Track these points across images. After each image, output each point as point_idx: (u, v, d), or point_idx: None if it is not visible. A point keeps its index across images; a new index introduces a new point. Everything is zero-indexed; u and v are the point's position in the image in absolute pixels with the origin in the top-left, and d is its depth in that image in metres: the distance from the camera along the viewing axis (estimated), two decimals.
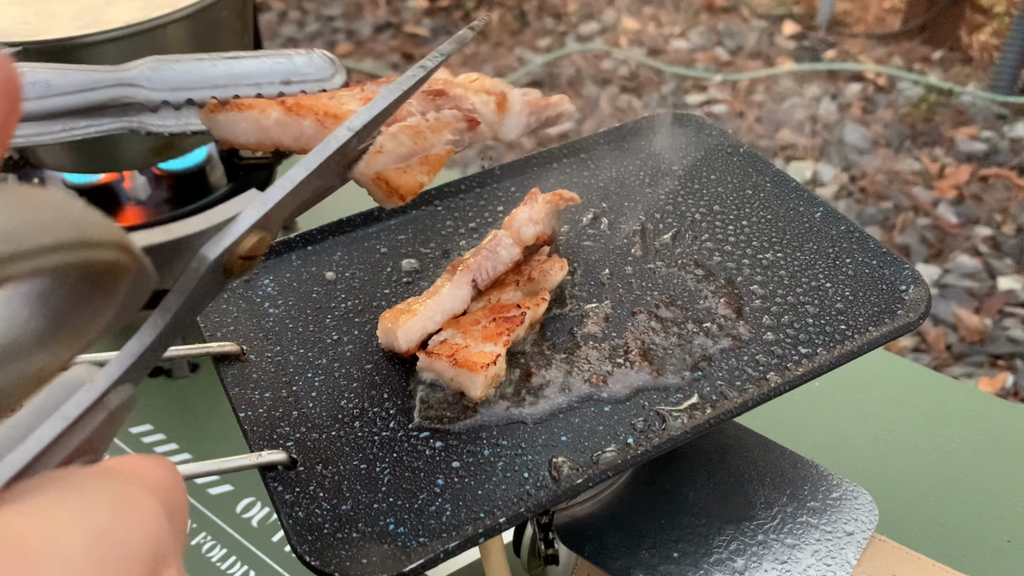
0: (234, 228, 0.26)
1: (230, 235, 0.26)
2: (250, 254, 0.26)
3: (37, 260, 0.14)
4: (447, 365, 0.41)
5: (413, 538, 0.35)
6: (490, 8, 2.63)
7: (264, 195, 0.27)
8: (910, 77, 2.17)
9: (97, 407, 0.20)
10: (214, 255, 0.25)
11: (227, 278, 0.27)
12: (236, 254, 0.26)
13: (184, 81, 0.35)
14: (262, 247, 0.27)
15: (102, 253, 0.16)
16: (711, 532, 0.45)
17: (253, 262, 0.27)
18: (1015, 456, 0.66)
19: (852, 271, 0.48)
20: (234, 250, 0.26)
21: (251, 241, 0.26)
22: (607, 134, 0.60)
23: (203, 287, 0.26)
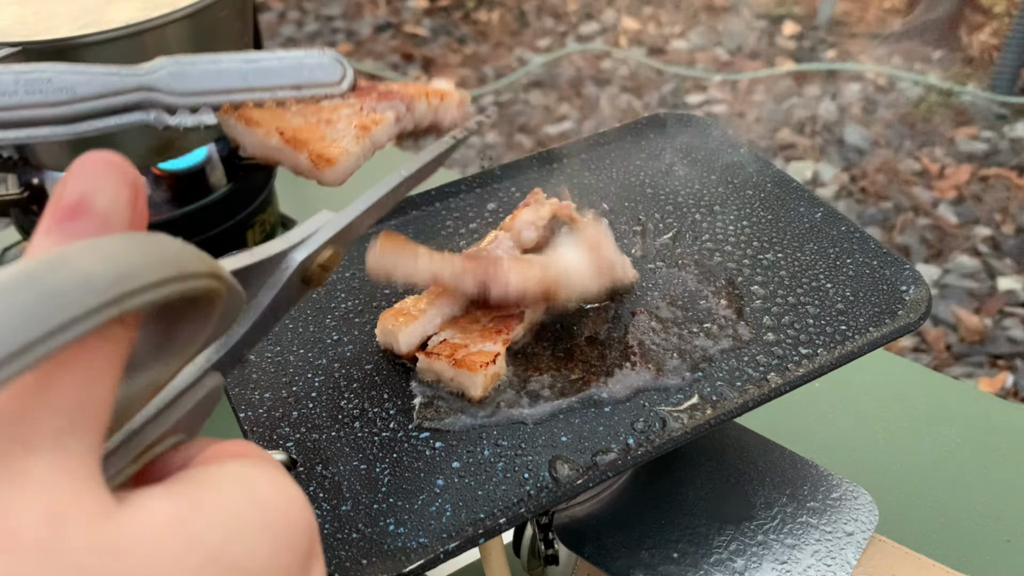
0: (316, 239, 0.30)
1: (312, 244, 0.30)
2: (326, 265, 0.30)
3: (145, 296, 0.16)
4: (447, 365, 0.41)
5: (413, 539, 0.35)
6: (490, 8, 2.63)
7: (339, 215, 0.31)
8: (910, 77, 2.17)
9: (196, 386, 0.23)
10: (301, 258, 0.29)
11: (306, 285, 0.30)
12: (316, 263, 0.30)
13: (202, 86, 0.37)
14: (336, 260, 0.31)
15: (198, 283, 0.18)
16: (711, 532, 0.45)
17: (327, 273, 0.30)
18: (1015, 456, 0.66)
19: (853, 272, 0.48)
20: (315, 259, 0.30)
21: (327, 253, 0.30)
22: (607, 134, 0.60)
23: (287, 289, 0.29)
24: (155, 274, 0.17)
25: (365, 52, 2.46)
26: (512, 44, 2.44)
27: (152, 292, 0.17)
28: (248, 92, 0.37)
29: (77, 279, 0.15)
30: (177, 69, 0.36)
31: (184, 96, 0.36)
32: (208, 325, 0.20)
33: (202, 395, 0.24)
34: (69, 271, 0.15)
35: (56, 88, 0.33)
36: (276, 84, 0.38)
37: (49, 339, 0.14)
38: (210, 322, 0.20)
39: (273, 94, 0.38)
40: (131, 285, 0.16)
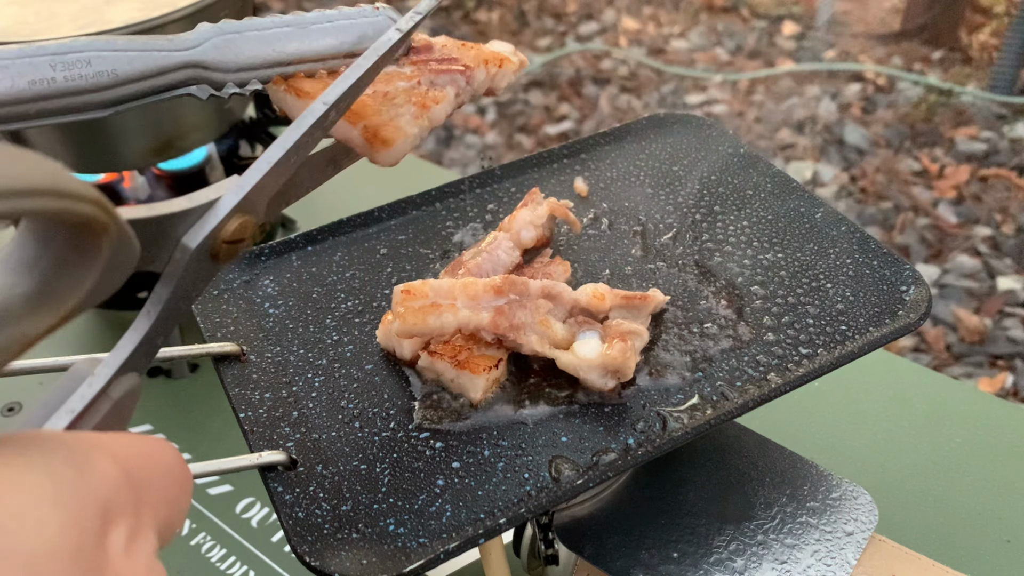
0: (213, 214, 0.26)
1: (210, 221, 0.26)
2: (235, 238, 0.27)
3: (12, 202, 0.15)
4: (449, 366, 0.41)
5: (413, 539, 0.35)
6: (490, 8, 2.63)
7: (242, 178, 0.27)
8: (910, 77, 2.17)
9: (101, 399, 0.21)
10: (195, 243, 0.26)
11: (216, 263, 0.27)
12: (220, 239, 0.26)
13: (251, 59, 0.33)
14: (247, 231, 0.27)
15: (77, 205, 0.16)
16: (711, 532, 0.45)
17: (240, 245, 0.27)
18: (1015, 456, 0.66)
19: (853, 272, 0.48)
20: (217, 235, 0.26)
21: (234, 225, 0.26)
22: (607, 134, 0.60)
23: (191, 274, 0.26)
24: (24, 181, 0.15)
25: None
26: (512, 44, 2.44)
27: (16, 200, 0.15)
28: (299, 63, 0.34)
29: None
30: (223, 41, 0.32)
31: (233, 72, 0.33)
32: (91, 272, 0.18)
33: (110, 405, 0.21)
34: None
35: (96, 71, 0.30)
36: (328, 52, 0.34)
37: None
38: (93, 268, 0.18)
39: (325, 64, 0.35)
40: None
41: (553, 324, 0.42)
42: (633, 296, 0.43)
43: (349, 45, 0.35)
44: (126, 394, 0.22)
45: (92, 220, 0.17)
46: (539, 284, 0.42)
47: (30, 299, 0.18)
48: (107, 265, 0.19)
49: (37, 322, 0.18)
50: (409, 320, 0.41)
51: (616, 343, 0.40)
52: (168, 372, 0.80)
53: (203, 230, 0.26)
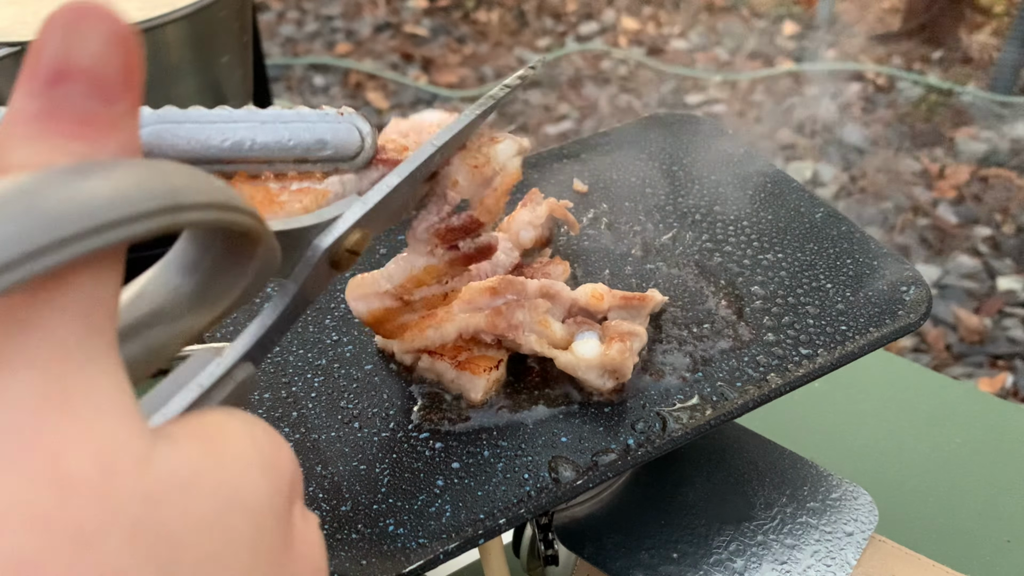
0: (342, 222, 0.29)
1: (339, 228, 0.29)
2: (354, 248, 0.29)
3: (197, 214, 0.16)
4: (449, 367, 0.41)
5: (413, 539, 0.35)
6: (490, 8, 2.63)
7: (364, 197, 0.31)
8: (910, 77, 2.17)
9: (226, 379, 0.23)
10: (326, 244, 0.28)
11: (334, 269, 0.29)
12: (343, 247, 0.29)
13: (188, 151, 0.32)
14: (364, 243, 0.30)
15: (243, 218, 0.18)
16: (711, 533, 0.45)
17: (356, 257, 0.30)
18: (1015, 456, 0.66)
19: (853, 272, 0.48)
20: (342, 243, 0.29)
21: (355, 236, 0.29)
22: (607, 134, 0.60)
23: (316, 274, 0.28)
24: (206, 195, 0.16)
25: (364, 52, 2.46)
26: (512, 44, 2.44)
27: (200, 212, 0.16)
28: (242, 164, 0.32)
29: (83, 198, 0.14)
30: (162, 130, 0.31)
31: None
32: (246, 273, 0.20)
33: (232, 387, 0.23)
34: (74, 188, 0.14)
35: None
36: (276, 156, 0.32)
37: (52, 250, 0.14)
38: (248, 270, 0.20)
39: (272, 167, 0.33)
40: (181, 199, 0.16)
41: (552, 324, 0.42)
42: (632, 297, 0.43)
43: (302, 150, 0.33)
44: (245, 382, 0.24)
45: (250, 231, 0.19)
46: (537, 284, 0.42)
47: (193, 298, 0.20)
48: (256, 271, 0.21)
49: (199, 319, 0.20)
50: (408, 337, 0.41)
51: (614, 343, 0.40)
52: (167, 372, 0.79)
53: (332, 235, 0.29)
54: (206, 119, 0.32)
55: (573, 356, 0.40)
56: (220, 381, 0.23)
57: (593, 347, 0.41)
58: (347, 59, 2.41)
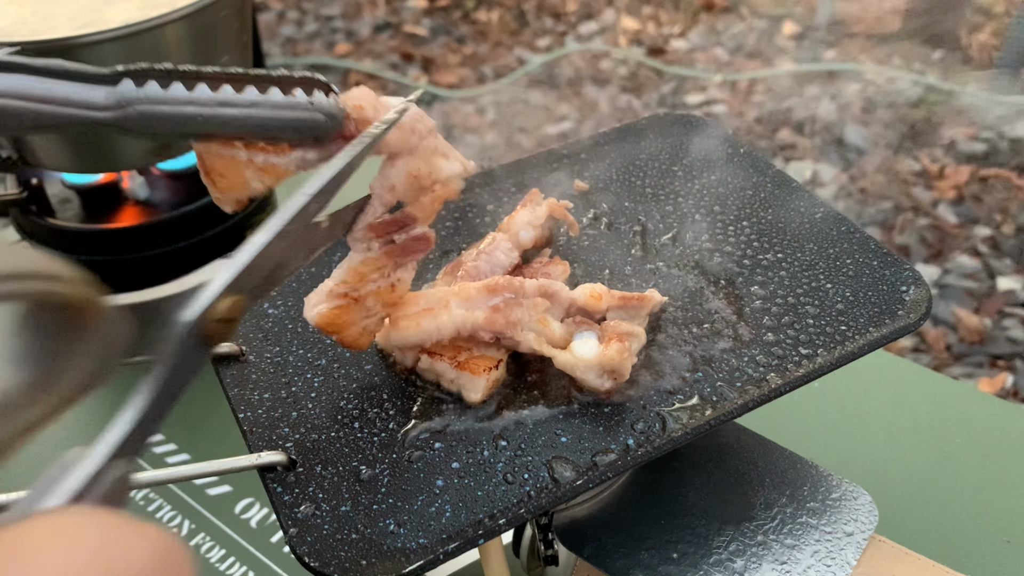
0: (207, 292, 0.27)
1: (202, 300, 0.27)
2: (227, 317, 0.27)
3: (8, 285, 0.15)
4: (449, 367, 0.41)
5: (413, 539, 0.35)
6: (490, 8, 2.63)
7: (231, 260, 0.29)
8: (910, 77, 2.17)
9: (95, 482, 0.21)
10: (190, 319, 0.26)
11: (207, 344, 0.27)
12: (211, 318, 0.27)
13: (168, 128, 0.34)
14: (238, 310, 0.28)
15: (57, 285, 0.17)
16: (710, 533, 0.45)
17: (231, 325, 0.28)
18: (1015, 456, 0.66)
19: (852, 272, 0.48)
20: (210, 314, 0.27)
21: (226, 304, 0.27)
22: (607, 134, 0.60)
23: (184, 354, 0.26)
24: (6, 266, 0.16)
25: (364, 52, 2.46)
26: (511, 44, 2.44)
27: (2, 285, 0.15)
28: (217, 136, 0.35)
29: None
30: (146, 110, 0.33)
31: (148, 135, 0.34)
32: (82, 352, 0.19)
33: (105, 490, 0.21)
34: None
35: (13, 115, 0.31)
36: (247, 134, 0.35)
37: None
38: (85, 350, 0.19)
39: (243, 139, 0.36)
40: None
41: (551, 323, 0.42)
42: (631, 297, 0.43)
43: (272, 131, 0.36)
44: (119, 481, 0.22)
45: (73, 300, 0.18)
46: (535, 283, 0.42)
47: (28, 387, 0.19)
48: (99, 346, 0.19)
49: (38, 409, 0.19)
50: (403, 326, 0.41)
51: (613, 343, 0.40)
52: None
53: (196, 308, 0.27)
54: (184, 100, 0.33)
55: (571, 356, 0.40)
56: (90, 485, 0.21)
57: (591, 347, 0.41)
58: (347, 59, 2.41)
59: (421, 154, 0.39)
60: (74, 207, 0.76)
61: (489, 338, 0.41)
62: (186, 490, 0.69)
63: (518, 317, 0.41)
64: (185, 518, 0.67)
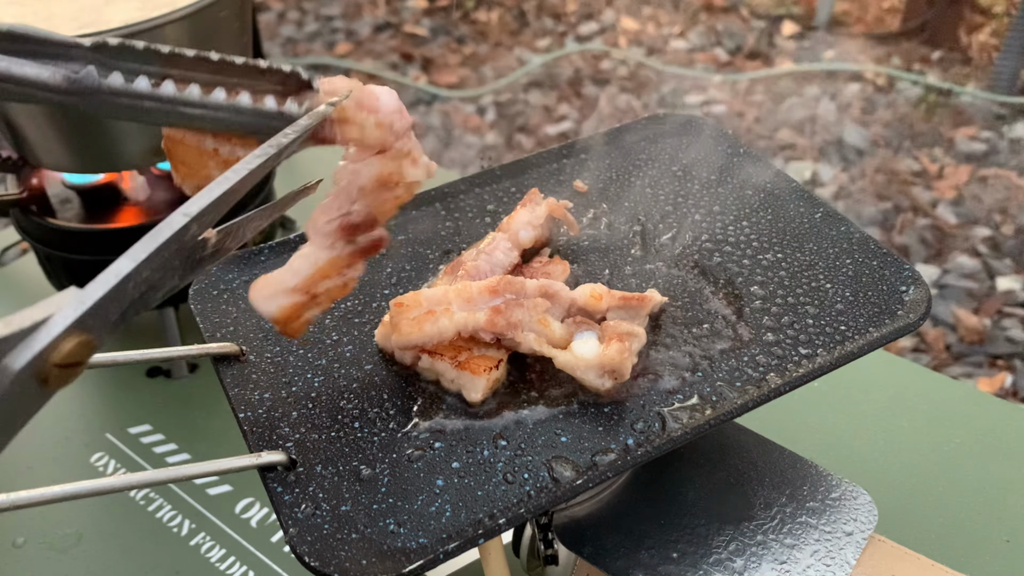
0: (45, 332, 0.23)
1: (40, 340, 0.23)
2: (69, 361, 0.23)
3: None
4: (449, 366, 0.41)
5: (413, 539, 0.35)
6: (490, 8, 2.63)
7: (82, 292, 0.24)
8: (909, 77, 2.17)
9: None
10: (20, 365, 0.22)
11: (45, 389, 0.23)
12: (51, 362, 0.23)
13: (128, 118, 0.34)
14: (84, 352, 0.24)
15: None
16: (710, 532, 0.45)
17: (76, 370, 0.24)
18: (1015, 456, 0.66)
19: (852, 272, 0.48)
20: (47, 357, 0.23)
21: (69, 346, 0.23)
22: (607, 135, 0.60)
23: (12, 402, 0.22)
24: None
25: (364, 52, 2.46)
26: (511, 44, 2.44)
27: None
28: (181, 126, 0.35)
29: None
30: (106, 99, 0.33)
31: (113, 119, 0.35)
32: None
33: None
34: None
35: None
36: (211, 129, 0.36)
37: None
38: None
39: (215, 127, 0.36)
40: None
41: (551, 323, 0.42)
42: (631, 297, 0.43)
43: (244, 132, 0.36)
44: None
45: None
46: (536, 283, 0.42)
47: None
48: None
49: None
50: (405, 330, 0.41)
51: (613, 343, 0.40)
52: (167, 372, 0.80)
53: (30, 350, 0.22)
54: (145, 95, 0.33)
55: (572, 356, 0.40)
56: None
57: (592, 347, 0.41)
58: (347, 59, 2.41)
59: (393, 156, 0.38)
60: (74, 207, 0.76)
61: (490, 338, 0.41)
62: (186, 490, 0.69)
63: (519, 318, 0.41)
64: (185, 518, 0.67)
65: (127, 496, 0.68)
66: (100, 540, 0.65)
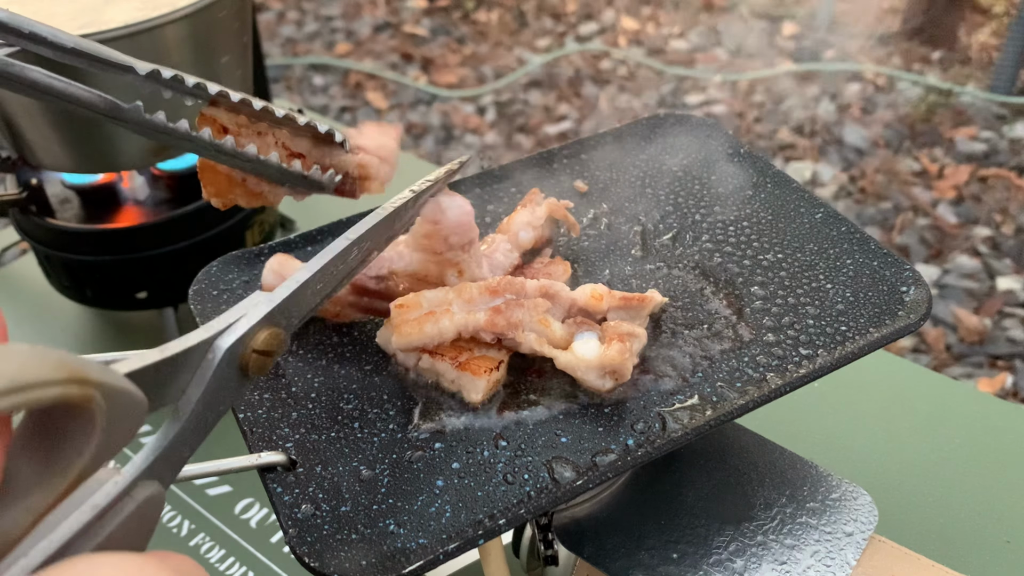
0: (245, 321, 0.27)
1: (241, 327, 0.27)
2: (264, 349, 0.28)
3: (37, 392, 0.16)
4: (450, 367, 0.41)
5: (413, 539, 0.35)
6: (490, 8, 2.63)
7: (271, 295, 0.29)
8: (909, 77, 2.17)
9: (124, 499, 0.21)
10: (227, 344, 0.26)
11: (245, 375, 0.27)
12: (250, 348, 0.27)
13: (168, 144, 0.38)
14: (276, 343, 0.28)
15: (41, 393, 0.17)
16: (710, 533, 0.45)
17: (270, 358, 0.28)
18: (1015, 456, 0.66)
19: (853, 272, 0.48)
20: (247, 343, 0.27)
21: (263, 335, 0.28)
22: (608, 134, 0.60)
23: (219, 381, 0.26)
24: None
25: (364, 52, 2.46)
26: (511, 44, 2.44)
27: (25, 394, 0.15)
28: None
29: None
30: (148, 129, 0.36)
31: None
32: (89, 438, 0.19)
33: (134, 507, 0.22)
34: None
35: None
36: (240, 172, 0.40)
37: None
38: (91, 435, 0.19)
39: None
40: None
41: (552, 323, 0.42)
42: (631, 297, 0.43)
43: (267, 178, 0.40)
44: (149, 501, 0.22)
45: (64, 399, 0.17)
46: (536, 283, 0.42)
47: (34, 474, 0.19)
48: (107, 425, 0.19)
49: (45, 493, 0.19)
50: (406, 331, 0.41)
51: (614, 344, 0.40)
52: None
53: (234, 334, 0.27)
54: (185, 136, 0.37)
55: (573, 356, 0.40)
56: (117, 500, 0.21)
57: (593, 347, 0.41)
58: (347, 59, 2.41)
59: (439, 261, 0.42)
60: (74, 207, 0.76)
61: (491, 339, 0.41)
62: (186, 490, 0.69)
63: (519, 318, 0.41)
64: (185, 518, 0.67)
65: None
66: None
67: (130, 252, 0.73)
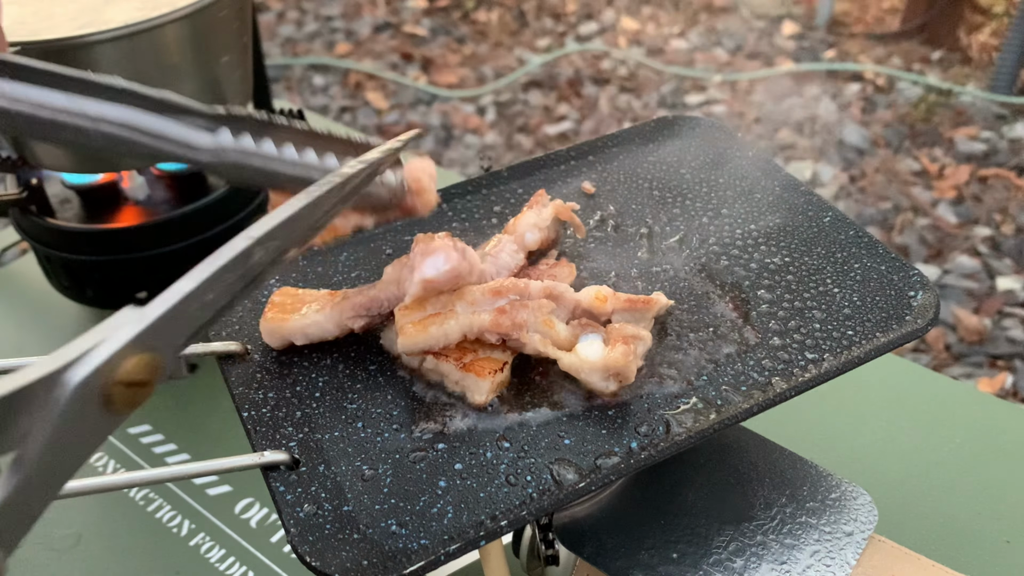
0: (105, 347, 0.22)
1: (99, 355, 0.22)
2: (133, 379, 0.22)
3: None
4: (454, 368, 0.41)
5: (414, 540, 0.35)
6: (489, 8, 2.63)
7: (141, 311, 0.24)
8: (909, 77, 2.17)
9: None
10: (78, 379, 0.21)
11: (110, 410, 0.22)
12: (113, 379, 0.22)
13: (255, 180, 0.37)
14: (149, 371, 0.23)
15: None
16: (710, 533, 0.45)
17: (144, 389, 0.23)
18: (1015, 456, 0.66)
19: (860, 276, 0.47)
20: (108, 374, 0.22)
21: (131, 363, 0.22)
22: (615, 136, 0.60)
23: (72, 422, 0.21)
24: None
25: (364, 52, 2.46)
26: (511, 44, 2.43)
27: None
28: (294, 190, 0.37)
29: None
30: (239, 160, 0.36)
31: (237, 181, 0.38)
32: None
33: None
34: None
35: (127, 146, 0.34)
36: None
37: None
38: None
39: None
40: None
41: (556, 324, 0.42)
42: (636, 300, 0.43)
43: None
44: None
45: None
46: (540, 285, 0.42)
47: None
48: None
49: None
50: (411, 334, 0.41)
51: (618, 346, 0.40)
52: None
53: (88, 364, 0.21)
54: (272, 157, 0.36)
55: (577, 358, 0.40)
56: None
57: (597, 349, 0.41)
58: (347, 59, 2.41)
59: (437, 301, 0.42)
60: (74, 207, 0.76)
61: (495, 340, 0.41)
62: (186, 490, 0.69)
63: (524, 319, 0.41)
64: (185, 518, 0.67)
65: (126, 497, 0.68)
66: (99, 541, 0.65)
67: (130, 252, 0.73)
